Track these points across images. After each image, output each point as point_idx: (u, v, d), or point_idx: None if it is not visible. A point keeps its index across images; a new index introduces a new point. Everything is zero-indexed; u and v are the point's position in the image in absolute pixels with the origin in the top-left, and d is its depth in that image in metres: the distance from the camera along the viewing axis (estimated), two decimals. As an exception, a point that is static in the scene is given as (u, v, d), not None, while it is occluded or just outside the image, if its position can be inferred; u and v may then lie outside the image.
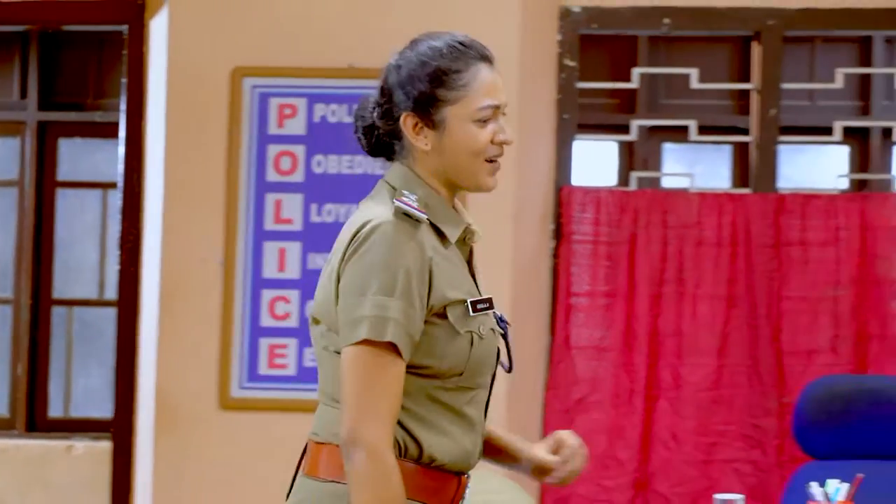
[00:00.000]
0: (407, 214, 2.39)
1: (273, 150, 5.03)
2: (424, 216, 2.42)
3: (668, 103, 7.16)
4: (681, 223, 5.16)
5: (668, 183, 6.04)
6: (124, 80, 5.23)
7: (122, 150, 5.22)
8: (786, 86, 5.33)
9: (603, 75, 5.04)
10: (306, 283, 4.98)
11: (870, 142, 7.26)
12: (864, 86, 7.30)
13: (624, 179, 6.41)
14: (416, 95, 2.47)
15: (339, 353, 2.42)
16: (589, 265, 5.18)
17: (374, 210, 2.43)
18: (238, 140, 5.01)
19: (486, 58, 2.50)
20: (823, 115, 6.38)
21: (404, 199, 2.41)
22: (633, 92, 6.64)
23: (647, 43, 6.75)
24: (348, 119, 4.92)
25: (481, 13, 4.99)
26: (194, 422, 5.01)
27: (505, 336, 2.55)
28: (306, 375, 4.96)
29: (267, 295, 5.01)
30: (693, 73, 5.39)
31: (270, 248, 5.01)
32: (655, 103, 7.18)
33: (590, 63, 5.49)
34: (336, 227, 4.86)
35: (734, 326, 5.13)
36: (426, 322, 2.40)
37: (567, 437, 2.65)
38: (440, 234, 2.47)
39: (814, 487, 3.24)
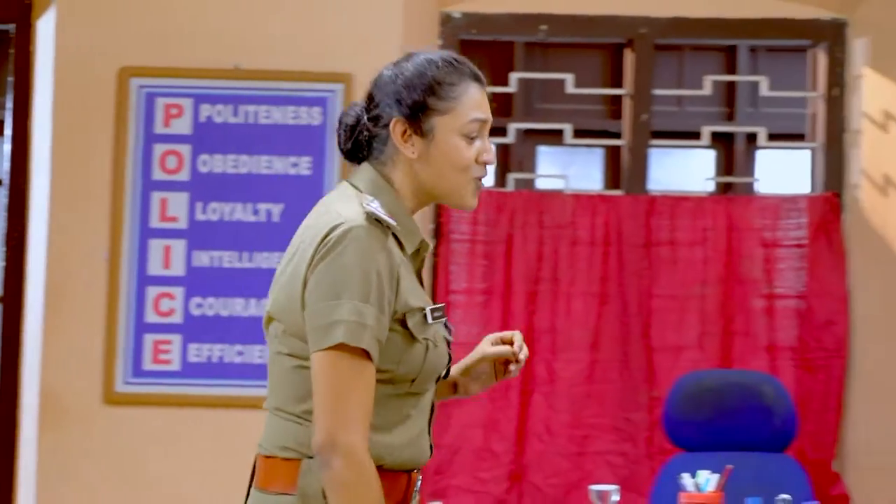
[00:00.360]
0: (378, 220, 2.38)
1: (159, 149, 5.02)
2: (394, 223, 2.40)
3: (544, 107, 7.27)
4: (555, 223, 5.24)
5: (543, 184, 6.13)
6: (11, 79, 5.18)
7: (7, 148, 5.17)
8: (656, 92, 5.43)
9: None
10: (191, 280, 4.99)
11: (734, 146, 7.45)
12: (729, 93, 7.49)
13: (501, 181, 6.48)
14: (409, 103, 2.47)
15: (293, 356, 2.41)
16: (467, 264, 5.24)
17: (343, 212, 2.40)
18: (124, 139, 5.00)
19: (477, 77, 2.52)
20: (692, 120, 6.52)
21: (370, 203, 2.40)
22: (510, 96, 6.72)
23: (525, 49, 6.85)
24: (234, 119, 4.96)
25: (364, 18, 5.02)
26: (79, 417, 4.98)
27: (449, 344, 2.55)
28: (190, 371, 4.97)
29: (152, 291, 5.00)
30: (568, 78, 5.47)
31: (156, 246, 5.01)
32: (531, 107, 7.30)
33: (469, 68, 5.53)
34: (221, 225, 4.96)
35: (606, 323, 5.22)
36: (388, 329, 2.39)
37: (500, 333, 2.75)
38: (399, 243, 2.45)
39: (685, 478, 3.30)
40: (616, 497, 3.33)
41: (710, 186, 6.09)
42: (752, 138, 6.68)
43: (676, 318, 5.25)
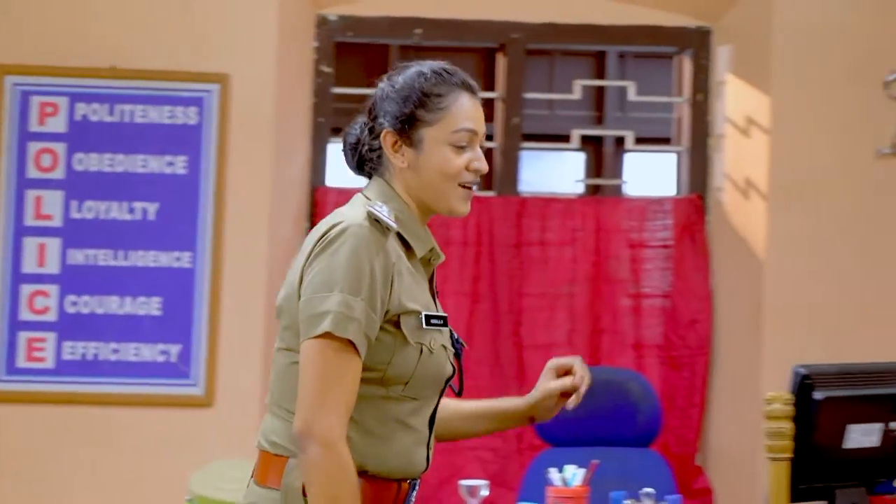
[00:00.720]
0: (377, 221, 2.41)
1: (34, 147, 4.96)
2: (394, 226, 2.43)
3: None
4: (429, 223, 5.24)
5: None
6: None
7: None
8: (528, 95, 5.48)
9: (358, 81, 5.08)
10: (66, 278, 4.93)
11: (603, 149, 7.53)
12: (599, 97, 7.57)
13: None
14: (398, 115, 2.51)
15: (289, 350, 2.43)
16: (341, 262, 5.23)
17: (346, 214, 2.44)
18: (-1, 137, 4.94)
19: (468, 87, 2.55)
20: (562, 123, 6.58)
21: (377, 207, 2.43)
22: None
23: (399, 51, 6.85)
24: (110, 118, 4.90)
25: (240, 19, 5.01)
26: (-49, 415, 4.91)
27: (458, 356, 2.59)
28: (64, 368, 4.91)
29: (26, 289, 4.93)
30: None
31: (30, 244, 4.94)
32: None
33: (345, 69, 5.54)
34: (97, 223, 4.92)
35: (478, 321, 5.25)
36: (380, 328, 2.41)
37: (561, 360, 2.78)
38: (407, 247, 2.50)
39: (552, 473, 3.33)
40: (485, 492, 3.36)
41: (580, 188, 6.15)
42: (620, 141, 6.75)
43: (546, 316, 5.30)
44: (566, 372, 2.78)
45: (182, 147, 4.98)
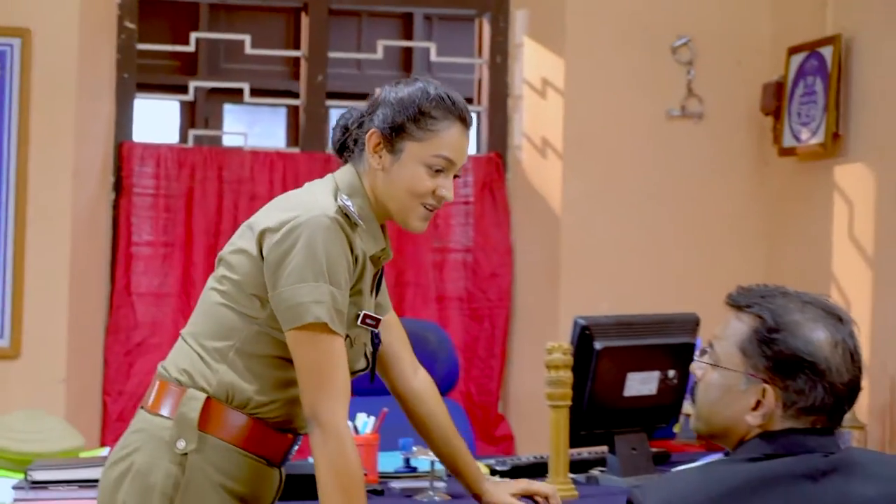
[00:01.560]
0: (347, 216, 2.45)
1: None
2: (361, 223, 2.49)
3: (229, 67, 7.19)
4: (235, 179, 5.20)
5: (228, 141, 6.05)
6: None
7: None
8: (332, 55, 5.43)
9: (163, 38, 4.98)
10: None
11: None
12: (407, 58, 7.56)
13: (185, 137, 6.38)
14: (390, 121, 2.52)
15: (223, 293, 2.50)
16: (149, 217, 5.15)
17: (319, 199, 2.48)
18: None
19: (464, 120, 2.57)
20: (368, 82, 6.55)
21: (346, 201, 2.47)
22: (194, 55, 6.61)
23: (209, 10, 6.74)
24: None
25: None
26: None
27: (375, 351, 2.64)
28: None
29: None
30: (247, 39, 5.40)
31: None
32: (217, 66, 7.20)
33: (150, 26, 5.41)
34: None
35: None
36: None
37: (538, 487, 2.84)
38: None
39: (344, 420, 3.32)
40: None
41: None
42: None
43: (352, 270, 5.27)
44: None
45: (-17, 101, 4.82)
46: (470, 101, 5.71)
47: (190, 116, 7.19)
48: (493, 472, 3.42)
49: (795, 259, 5.11)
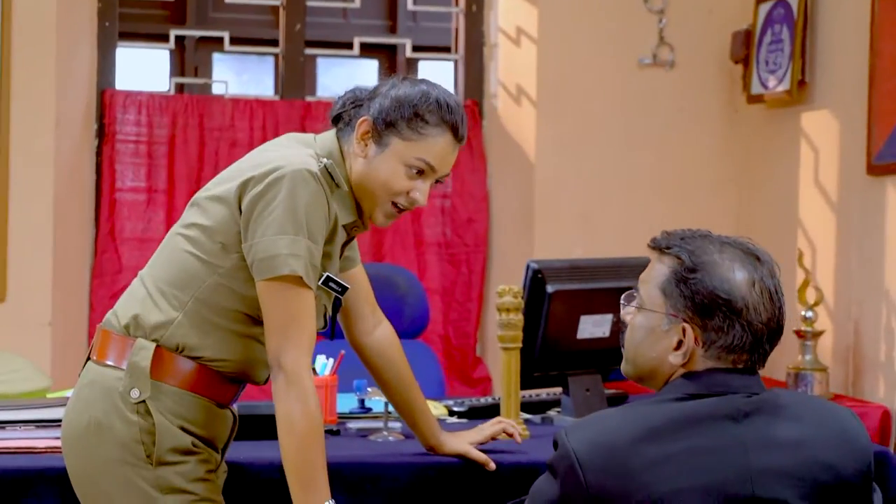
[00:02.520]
0: (331, 176, 2.45)
1: None
2: (345, 187, 2.49)
3: (217, 16, 7.13)
4: (216, 126, 5.19)
5: (216, 90, 6.01)
6: None
7: None
8: (311, 3, 5.37)
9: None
10: None
11: (397, 58, 7.49)
12: (390, 6, 7.51)
13: (178, 86, 6.34)
14: (384, 115, 2.50)
15: (188, 238, 2.46)
16: (132, 163, 5.14)
17: (302, 154, 2.47)
18: None
19: (456, 131, 2.54)
20: (350, 31, 6.50)
21: (329, 164, 2.46)
22: (182, 3, 6.56)
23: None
24: None
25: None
26: None
27: (335, 313, 2.61)
28: None
29: None
30: (228, -12, 5.36)
31: None
32: (205, 15, 7.15)
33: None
34: None
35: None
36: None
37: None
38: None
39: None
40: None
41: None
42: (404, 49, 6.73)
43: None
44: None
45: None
46: (447, 49, 5.68)
47: (180, 65, 7.17)
48: (451, 413, 3.43)
49: (765, 205, 5.09)
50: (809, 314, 4.34)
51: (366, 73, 7.19)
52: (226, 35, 5.39)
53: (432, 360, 4.48)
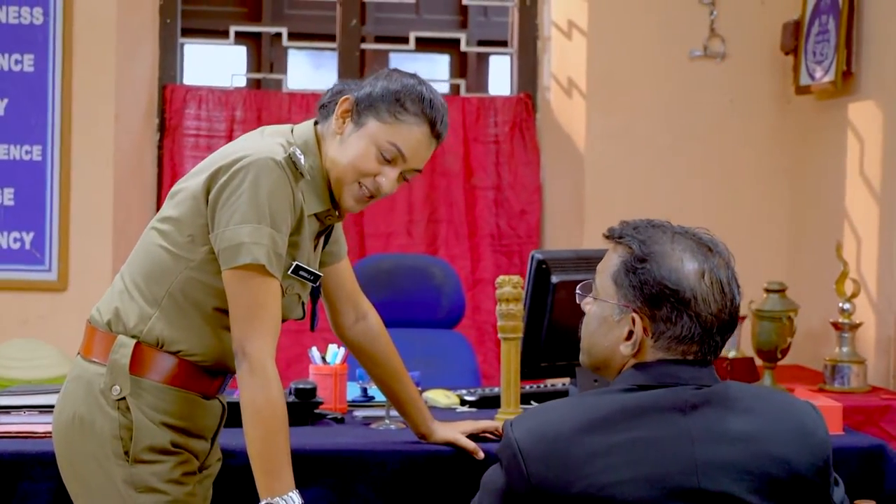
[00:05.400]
0: (295, 164, 2.40)
1: None
2: (308, 176, 2.44)
3: (292, 13, 7.12)
4: (274, 120, 5.18)
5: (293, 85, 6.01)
6: None
7: None
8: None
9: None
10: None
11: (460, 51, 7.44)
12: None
13: (249, 82, 6.38)
14: (368, 94, 2.48)
15: (162, 233, 2.43)
16: (193, 157, 5.16)
17: (269, 142, 2.42)
18: None
19: (434, 127, 2.51)
20: (417, 26, 6.46)
21: (297, 153, 2.41)
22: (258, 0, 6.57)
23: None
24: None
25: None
26: None
27: (314, 302, 2.59)
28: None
29: None
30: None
31: None
32: (281, 12, 7.16)
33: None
34: None
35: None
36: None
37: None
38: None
39: (314, 351, 3.30)
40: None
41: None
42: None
43: (387, 206, 5.25)
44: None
45: (29, 46, 4.85)
46: (504, 43, 5.61)
47: (256, 60, 7.20)
48: (463, 402, 3.37)
49: (814, 196, 4.94)
50: (847, 306, 4.19)
51: (437, 67, 7.14)
52: (284, 30, 5.39)
53: (467, 350, 4.43)
